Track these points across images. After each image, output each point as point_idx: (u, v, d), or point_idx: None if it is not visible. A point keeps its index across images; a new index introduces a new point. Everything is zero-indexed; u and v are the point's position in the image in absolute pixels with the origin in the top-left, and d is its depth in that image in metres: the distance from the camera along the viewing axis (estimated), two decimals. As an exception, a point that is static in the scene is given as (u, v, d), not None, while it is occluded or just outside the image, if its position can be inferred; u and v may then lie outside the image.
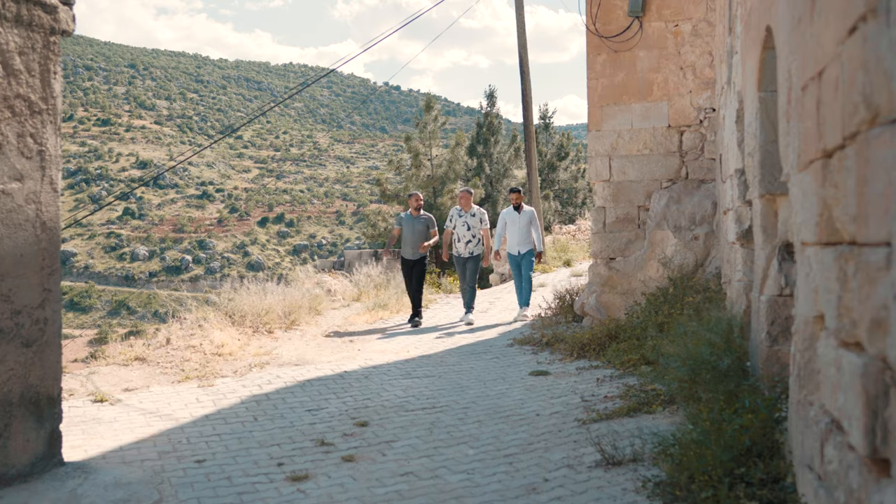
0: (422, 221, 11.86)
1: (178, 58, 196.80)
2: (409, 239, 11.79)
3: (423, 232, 11.79)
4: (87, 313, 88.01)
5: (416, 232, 11.79)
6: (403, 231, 11.90)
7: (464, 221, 11.89)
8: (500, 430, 5.79)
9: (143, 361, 8.41)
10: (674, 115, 9.43)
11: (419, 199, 12.03)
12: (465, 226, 11.87)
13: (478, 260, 11.93)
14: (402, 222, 11.99)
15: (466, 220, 11.89)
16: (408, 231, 11.84)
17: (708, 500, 3.74)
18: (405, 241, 11.86)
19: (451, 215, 12.09)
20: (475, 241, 11.89)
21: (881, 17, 2.08)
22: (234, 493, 4.64)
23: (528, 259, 11.73)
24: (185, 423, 6.21)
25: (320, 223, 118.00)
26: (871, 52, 2.18)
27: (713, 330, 5.48)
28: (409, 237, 11.79)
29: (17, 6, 4.62)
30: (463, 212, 11.94)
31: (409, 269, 11.90)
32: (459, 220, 11.93)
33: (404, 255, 11.95)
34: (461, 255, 11.93)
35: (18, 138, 4.65)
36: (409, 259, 11.88)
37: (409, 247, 11.82)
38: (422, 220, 11.87)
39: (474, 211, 11.97)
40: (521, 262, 11.72)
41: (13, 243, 4.60)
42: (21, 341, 4.64)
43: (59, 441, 4.97)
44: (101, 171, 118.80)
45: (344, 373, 8.04)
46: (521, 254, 11.72)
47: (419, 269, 11.85)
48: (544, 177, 35.68)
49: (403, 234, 11.89)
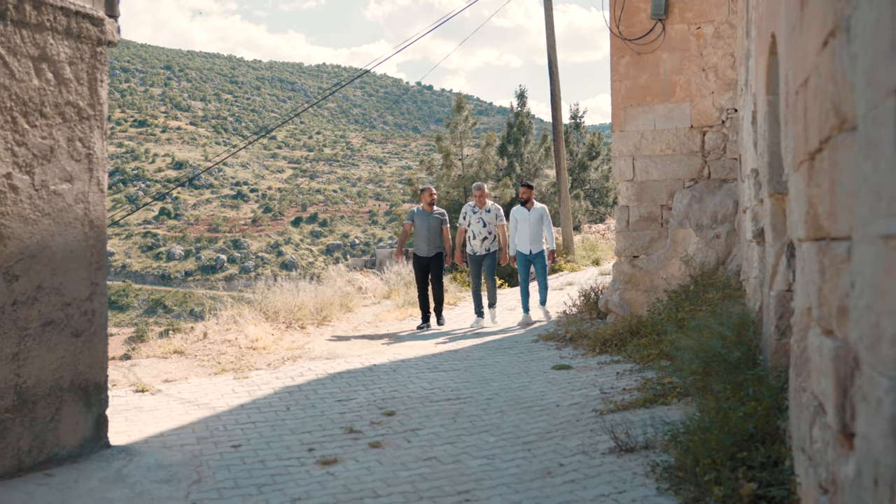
0: (436, 217, 11.42)
1: (212, 59, 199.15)
2: (424, 235, 11.35)
3: (437, 228, 11.38)
4: (125, 312, 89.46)
5: (431, 228, 11.34)
6: (417, 227, 11.44)
7: (479, 218, 11.49)
8: (521, 420, 6.05)
9: (182, 354, 8.78)
10: (696, 115, 9.61)
11: (433, 194, 11.54)
12: (480, 222, 11.46)
13: (494, 256, 11.55)
14: (414, 218, 11.52)
15: (482, 216, 11.48)
16: (422, 227, 11.38)
17: (710, 482, 3.97)
18: (419, 237, 11.41)
19: (464, 212, 11.68)
20: (491, 238, 11.50)
21: (843, 34, 2.31)
22: (268, 475, 4.95)
23: (540, 260, 11.42)
24: (222, 412, 6.55)
25: (353, 223, 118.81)
26: (838, 65, 2.41)
27: (724, 324, 5.70)
28: (424, 233, 11.35)
29: (67, 19, 4.97)
30: (477, 208, 11.53)
31: (425, 266, 11.42)
32: (474, 217, 11.53)
33: (418, 252, 11.46)
34: (476, 252, 11.51)
35: (68, 142, 5.00)
36: (423, 256, 11.41)
37: (423, 243, 11.38)
38: (436, 216, 11.43)
39: (489, 206, 11.55)
40: (534, 262, 11.41)
41: (64, 240, 4.95)
42: (71, 332, 4.99)
43: (106, 425, 5.31)
44: (138, 172, 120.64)
45: (373, 366, 8.34)
46: (532, 253, 11.38)
47: (437, 265, 11.42)
48: (575, 176, 35.79)
49: (417, 231, 11.44)
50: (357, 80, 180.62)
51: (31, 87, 4.75)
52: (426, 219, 11.36)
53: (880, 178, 1.86)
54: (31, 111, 4.74)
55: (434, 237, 11.35)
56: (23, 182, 4.68)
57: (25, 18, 4.69)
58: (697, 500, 3.96)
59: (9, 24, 4.59)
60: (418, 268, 11.46)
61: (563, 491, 4.43)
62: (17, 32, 4.64)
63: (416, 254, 11.47)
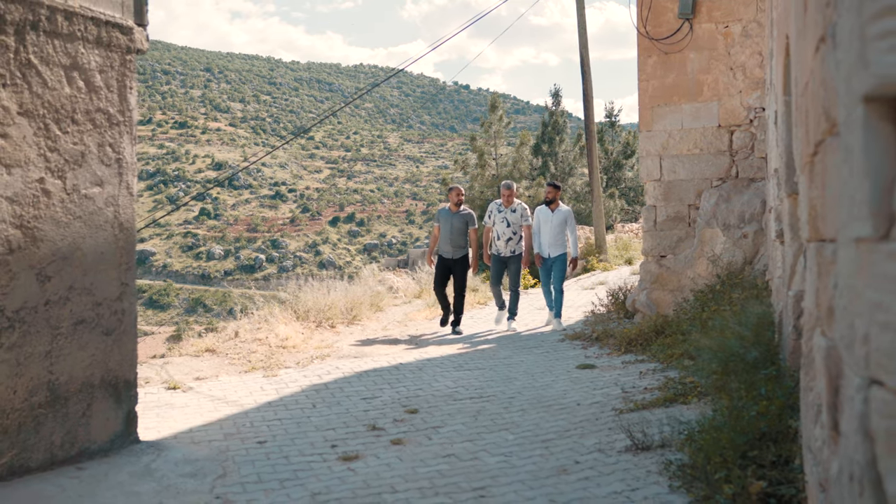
0: (461, 218, 10.89)
1: (251, 61, 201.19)
2: (448, 236, 10.84)
3: (462, 229, 10.88)
4: (166, 311, 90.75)
5: (455, 229, 10.85)
6: (441, 227, 10.96)
7: (503, 217, 11.00)
8: (541, 418, 6.12)
9: (213, 353, 8.98)
10: (724, 114, 9.59)
11: (460, 194, 11.05)
12: (504, 222, 10.98)
13: (520, 259, 11.02)
14: (440, 218, 11.06)
15: (506, 215, 10.99)
16: (446, 227, 10.90)
17: (721, 480, 4.01)
18: (443, 237, 10.91)
19: (489, 211, 11.26)
20: (516, 239, 10.98)
21: (831, 40, 2.36)
22: (291, 470, 5.08)
23: (559, 265, 10.86)
24: (250, 409, 6.71)
25: (390, 222, 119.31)
26: (826, 70, 2.46)
27: (743, 324, 5.72)
28: (448, 234, 10.84)
29: (98, 29, 5.14)
30: (503, 207, 11.06)
31: (447, 268, 10.91)
32: (499, 216, 11.05)
33: (442, 253, 10.92)
34: (501, 254, 11.02)
35: (99, 147, 5.18)
36: (447, 258, 10.90)
37: (447, 244, 10.87)
38: (461, 217, 10.90)
39: (515, 206, 11.04)
40: (552, 267, 10.89)
41: (94, 242, 5.13)
42: (102, 330, 5.17)
43: (135, 421, 5.49)
44: (179, 173, 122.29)
45: (399, 365, 8.46)
46: (551, 257, 10.91)
47: (461, 269, 10.90)
48: (610, 175, 35.68)
49: (441, 231, 10.95)
50: (394, 79, 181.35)
51: (63, 94, 4.93)
52: (450, 219, 10.90)
53: (854, 183, 1.91)
54: (62, 118, 4.92)
55: (458, 238, 10.86)
56: (55, 186, 4.86)
57: (58, 29, 4.88)
58: (708, 498, 4.01)
59: (41, 34, 4.77)
60: (440, 269, 10.94)
61: (577, 488, 4.50)
62: (49, 42, 4.83)
63: (441, 255, 10.96)
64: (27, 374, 4.66)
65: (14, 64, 4.59)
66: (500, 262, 11.10)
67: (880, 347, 1.71)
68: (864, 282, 1.83)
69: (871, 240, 1.77)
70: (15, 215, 4.60)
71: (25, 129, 4.66)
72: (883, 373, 1.71)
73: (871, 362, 1.78)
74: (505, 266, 11.10)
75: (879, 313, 1.71)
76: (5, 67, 4.53)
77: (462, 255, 10.91)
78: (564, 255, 10.83)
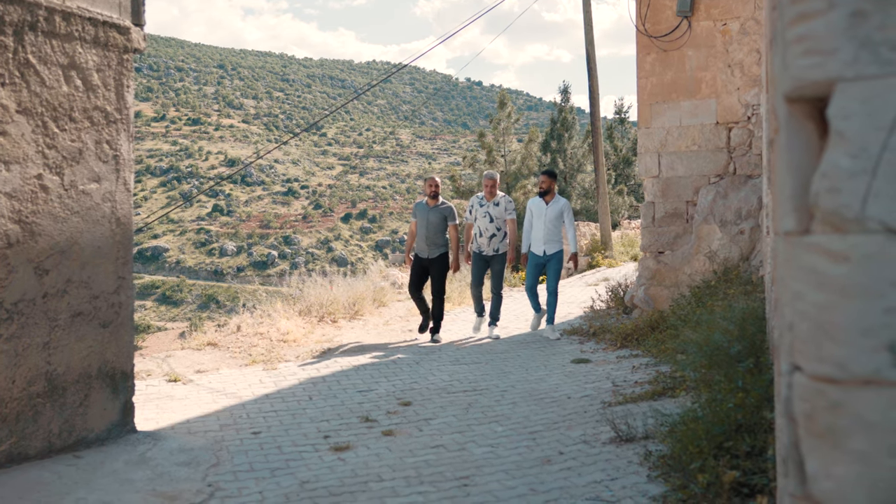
0: (438, 212, 9.74)
1: (264, 57, 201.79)
2: (423, 233, 9.73)
3: (439, 225, 9.71)
4: (179, 307, 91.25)
5: (431, 225, 9.69)
6: (417, 223, 9.84)
7: (485, 212, 9.86)
8: (531, 411, 6.23)
9: (215, 346, 9.13)
10: (722, 112, 9.66)
11: (433, 185, 9.82)
12: (486, 217, 9.85)
13: (504, 261, 9.93)
14: (416, 213, 9.90)
15: (489, 209, 9.85)
16: (421, 224, 9.78)
17: (695, 470, 4.11)
18: (418, 234, 9.81)
19: (470, 205, 10.12)
20: (500, 236, 9.88)
21: (777, 43, 2.46)
22: (282, 460, 5.21)
23: (555, 264, 9.73)
24: (247, 401, 6.84)
25: (402, 219, 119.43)
26: (773, 71, 2.56)
27: (728, 318, 5.81)
28: (423, 231, 9.73)
29: (95, 29, 5.28)
30: (485, 200, 9.93)
31: (423, 269, 9.80)
32: (480, 211, 9.92)
33: (418, 252, 9.81)
34: (483, 251, 9.91)
35: (96, 145, 5.32)
36: (423, 258, 9.77)
37: (422, 242, 9.75)
38: (438, 211, 9.75)
39: (498, 199, 9.91)
40: (547, 266, 9.77)
41: (92, 237, 5.27)
42: (98, 322, 5.31)
43: (132, 411, 5.63)
44: (192, 169, 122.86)
45: (397, 358, 8.59)
46: (546, 254, 9.73)
47: (438, 269, 9.74)
48: (619, 171, 35.69)
49: (417, 228, 9.85)
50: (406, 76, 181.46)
51: (61, 93, 5.07)
52: (426, 214, 9.75)
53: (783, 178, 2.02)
54: (60, 116, 5.06)
55: (434, 235, 9.71)
56: (53, 182, 5.00)
57: (56, 29, 5.01)
58: (683, 487, 4.11)
59: (40, 34, 4.91)
60: (415, 270, 9.83)
61: (559, 477, 4.61)
62: (47, 42, 4.96)
63: (416, 254, 9.87)
64: (25, 365, 4.81)
65: (13, 63, 4.73)
66: (482, 262, 10.02)
67: (800, 335, 1.82)
68: (790, 273, 1.93)
69: (795, 233, 1.88)
70: (13, 210, 4.74)
71: (24, 126, 4.80)
72: (802, 359, 1.82)
73: (794, 349, 1.89)
74: (487, 266, 10.04)
75: (799, 303, 1.82)
76: (4, 67, 4.67)
77: (439, 254, 9.76)
78: (561, 253, 9.77)
